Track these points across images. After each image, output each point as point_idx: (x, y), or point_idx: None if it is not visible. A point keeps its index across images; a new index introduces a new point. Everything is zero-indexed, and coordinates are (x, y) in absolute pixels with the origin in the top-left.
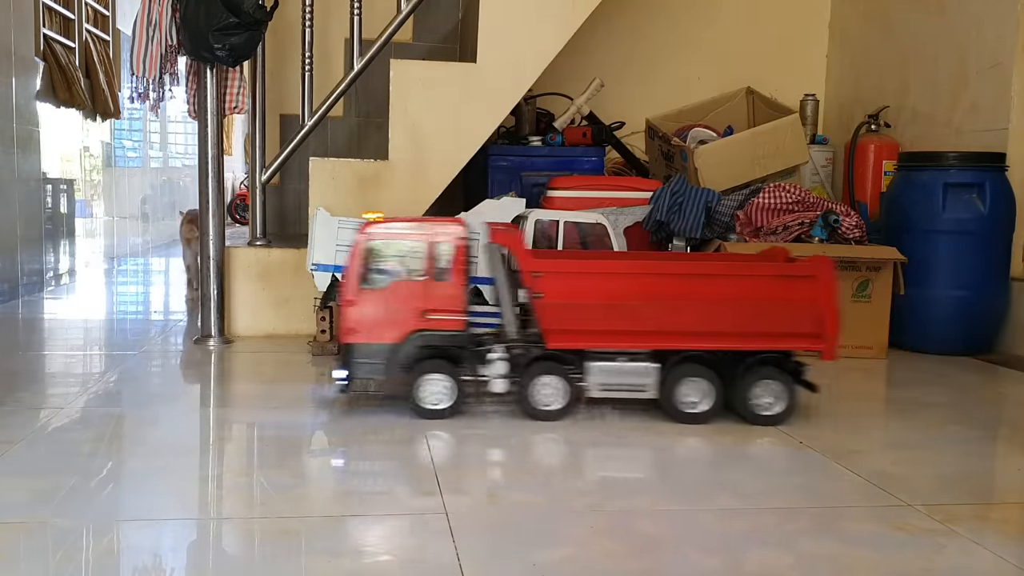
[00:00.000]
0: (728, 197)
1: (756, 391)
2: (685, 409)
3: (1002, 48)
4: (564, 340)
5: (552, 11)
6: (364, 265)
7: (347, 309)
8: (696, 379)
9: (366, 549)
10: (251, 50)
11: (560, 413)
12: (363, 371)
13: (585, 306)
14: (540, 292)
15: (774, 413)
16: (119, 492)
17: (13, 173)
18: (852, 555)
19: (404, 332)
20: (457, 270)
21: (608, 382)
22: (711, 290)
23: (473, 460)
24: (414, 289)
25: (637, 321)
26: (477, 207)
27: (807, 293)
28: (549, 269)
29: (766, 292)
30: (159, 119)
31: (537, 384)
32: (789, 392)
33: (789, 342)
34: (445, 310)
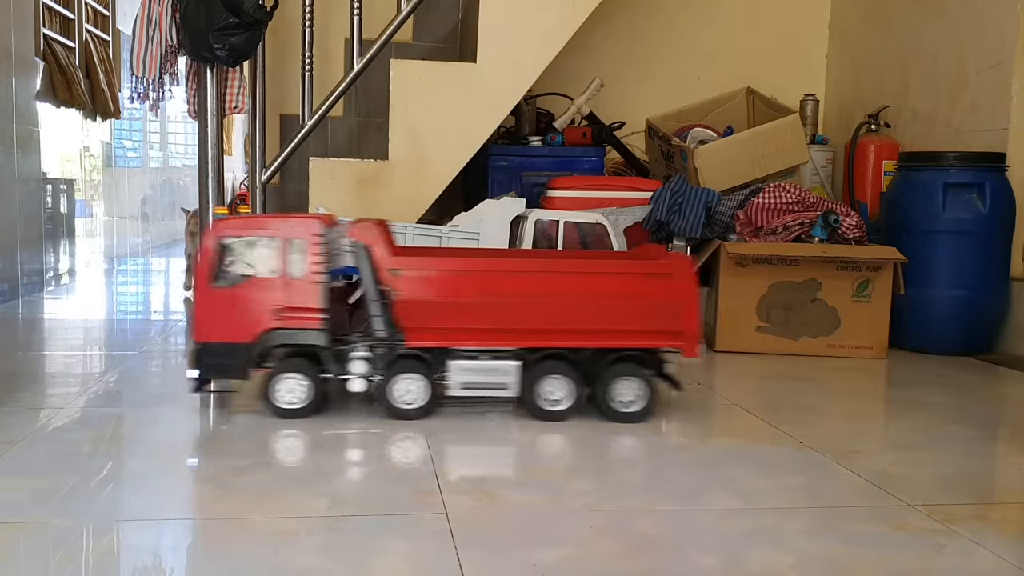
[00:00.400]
0: (728, 197)
1: (617, 389)
2: (546, 407)
3: (1002, 48)
4: (423, 338)
5: (552, 11)
6: (216, 263)
7: (198, 307)
8: (557, 377)
9: (366, 549)
10: (251, 50)
11: (421, 412)
12: (216, 371)
13: (444, 303)
14: (398, 289)
15: (634, 411)
16: (119, 492)
17: (13, 173)
18: (852, 555)
19: (257, 331)
20: (313, 267)
21: (469, 380)
22: (571, 287)
23: (473, 460)
24: (268, 286)
25: (497, 319)
26: (477, 207)
27: (666, 291)
28: (406, 266)
29: (625, 289)
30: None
31: (398, 383)
32: (650, 390)
33: (649, 339)
34: (300, 308)
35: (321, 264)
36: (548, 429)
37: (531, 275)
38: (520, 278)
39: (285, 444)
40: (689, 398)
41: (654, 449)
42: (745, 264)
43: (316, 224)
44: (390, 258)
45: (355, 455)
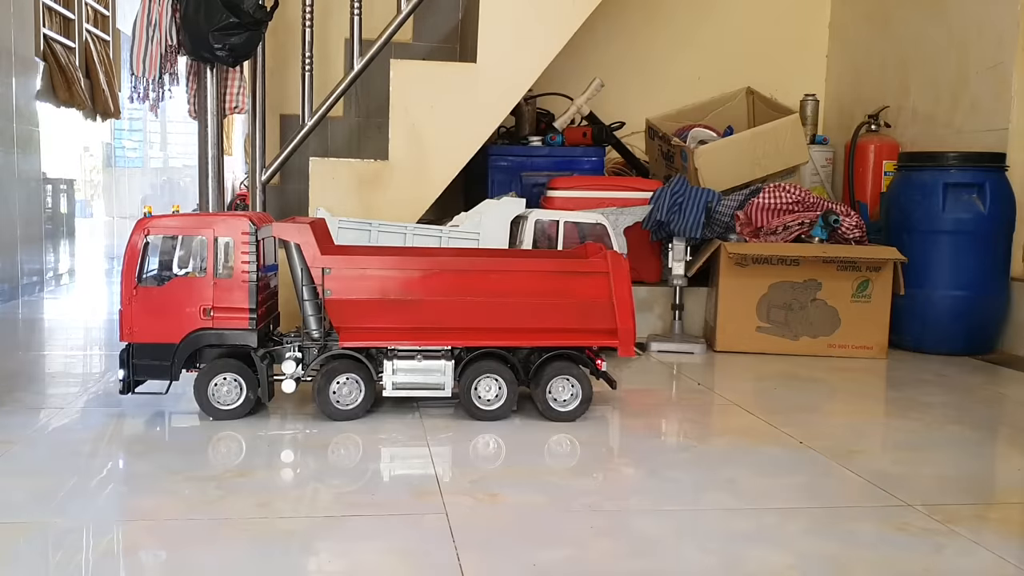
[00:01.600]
0: (728, 197)
1: (552, 387)
2: (481, 406)
3: (1002, 48)
4: (357, 337)
5: (552, 11)
6: (141, 263)
7: (124, 308)
8: (492, 376)
9: (366, 549)
10: (251, 50)
11: (359, 412)
12: (144, 372)
13: (376, 302)
14: (329, 289)
15: (569, 409)
16: (119, 492)
17: (13, 173)
18: (852, 555)
19: (184, 331)
20: (241, 266)
21: (404, 381)
22: (504, 286)
23: (473, 459)
24: (195, 286)
25: (430, 318)
26: (477, 207)
27: (600, 289)
28: (336, 265)
29: (559, 288)
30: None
31: (334, 383)
32: (584, 388)
33: (583, 338)
34: (229, 308)
35: (251, 263)
36: (548, 429)
37: (464, 273)
38: (453, 276)
39: (285, 445)
40: (689, 398)
41: (654, 449)
42: (745, 264)
43: (245, 223)
44: (321, 257)
45: (355, 455)
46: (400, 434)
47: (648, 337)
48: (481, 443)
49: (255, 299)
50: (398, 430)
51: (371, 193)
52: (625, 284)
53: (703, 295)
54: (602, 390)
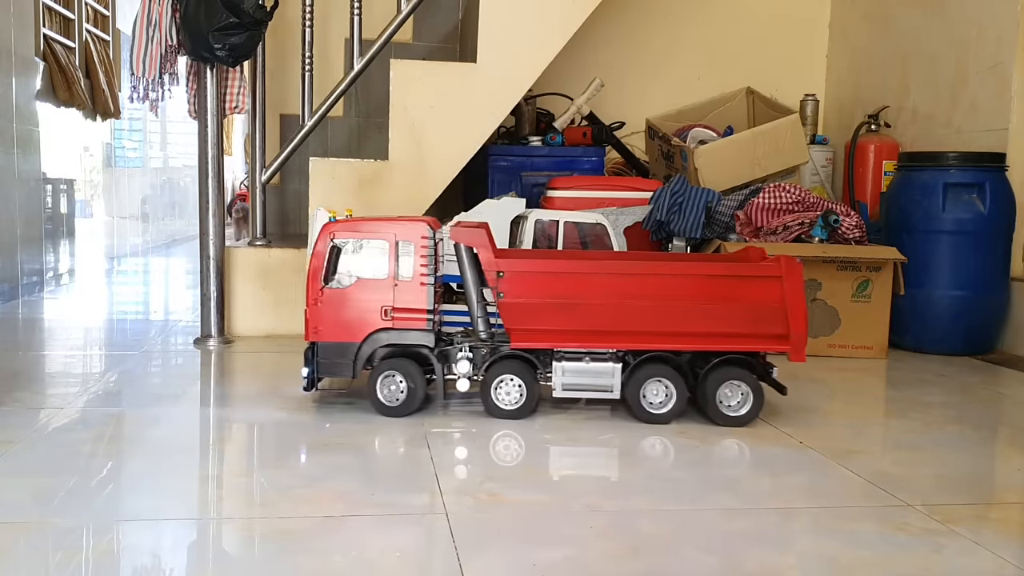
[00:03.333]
0: (728, 197)
1: (723, 392)
2: (651, 409)
3: (1002, 48)
4: (527, 339)
5: (552, 11)
6: (327, 265)
7: (310, 309)
8: (660, 379)
9: (366, 549)
10: (251, 50)
11: (523, 412)
12: (326, 369)
13: (547, 305)
14: (502, 291)
15: (741, 414)
16: (119, 492)
17: (13, 173)
18: (852, 555)
19: (366, 331)
20: (420, 268)
21: (573, 382)
22: (676, 290)
23: (473, 460)
24: (376, 288)
25: (599, 321)
26: (477, 207)
27: (774, 294)
28: (510, 268)
29: (732, 292)
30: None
31: (502, 384)
32: (756, 393)
33: (755, 343)
34: (408, 309)
35: (430, 266)
36: (548, 430)
37: (632, 276)
38: (620, 279)
39: (284, 445)
40: None
41: (654, 449)
42: None
43: (424, 227)
44: (495, 260)
45: (355, 455)
46: (401, 434)
47: None
48: (481, 443)
49: (432, 301)
50: (398, 431)
51: (371, 193)
52: (799, 288)
53: None
54: None
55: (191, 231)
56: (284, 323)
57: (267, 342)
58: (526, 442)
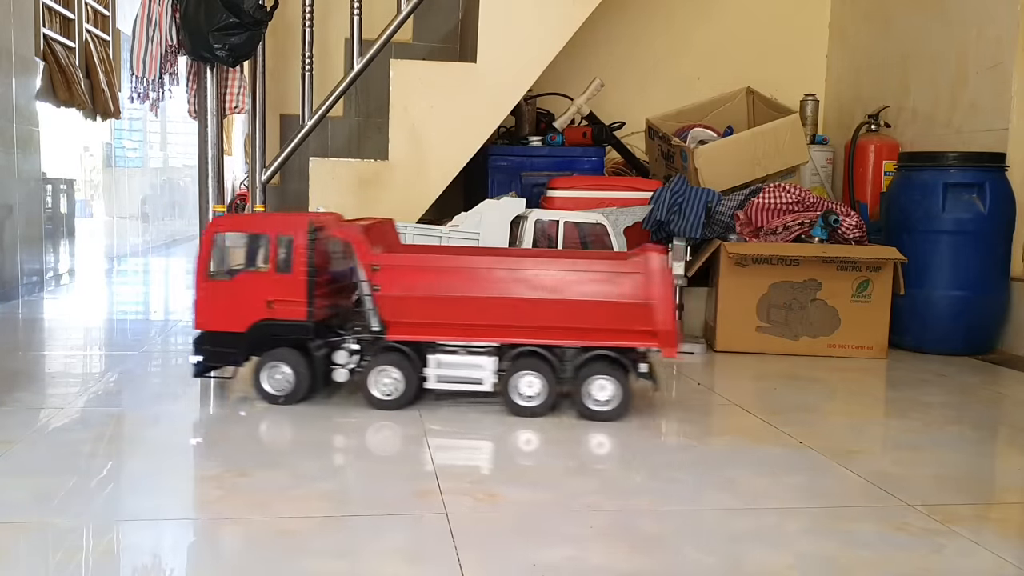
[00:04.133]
0: (728, 197)
1: (592, 387)
2: (521, 402)
3: (1002, 48)
4: (403, 332)
5: (552, 11)
6: (211, 258)
7: (198, 299)
8: (532, 373)
9: (366, 549)
10: (251, 50)
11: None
12: (213, 358)
13: (420, 299)
14: (378, 284)
15: (608, 410)
16: (119, 492)
17: (13, 173)
18: (852, 555)
19: (249, 321)
20: (299, 261)
21: (447, 374)
22: (547, 285)
23: (473, 459)
24: (259, 280)
25: (472, 314)
26: (477, 207)
27: (641, 290)
28: (386, 262)
29: (600, 288)
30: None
31: (377, 375)
32: (624, 389)
33: (623, 338)
34: (288, 300)
35: (308, 259)
36: (548, 430)
37: (506, 272)
38: (496, 275)
39: (283, 444)
40: (689, 398)
41: (654, 449)
42: (745, 264)
43: (305, 222)
44: (370, 254)
45: (355, 455)
46: (399, 434)
47: None
48: (481, 443)
49: (311, 292)
50: (398, 430)
51: (371, 193)
52: (666, 283)
53: (703, 295)
54: None
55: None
56: None
57: None
58: (525, 442)
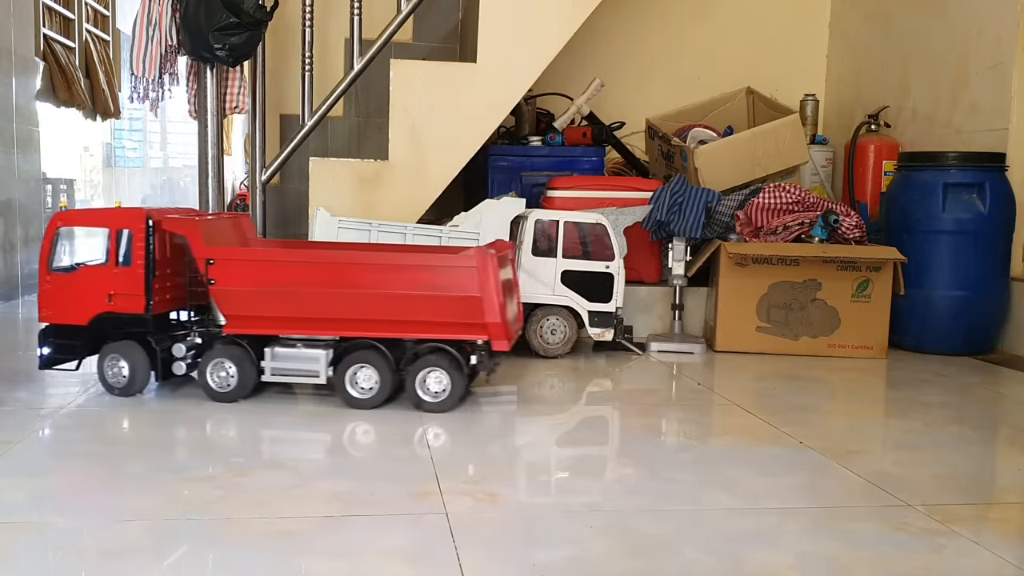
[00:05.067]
0: (728, 197)
1: (424, 378)
2: (357, 395)
3: (1002, 48)
4: (239, 326)
5: (552, 11)
6: (53, 252)
7: (40, 292)
8: (366, 366)
9: (366, 549)
10: (251, 50)
11: (238, 395)
12: (59, 350)
13: (251, 293)
14: (213, 278)
15: (440, 401)
16: (119, 492)
17: (13, 173)
18: (852, 555)
19: (90, 314)
20: (137, 255)
21: (282, 367)
22: (376, 279)
23: (473, 459)
24: (99, 274)
25: (303, 308)
26: (477, 207)
27: (469, 284)
28: (220, 256)
29: (430, 283)
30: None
31: (213, 367)
32: (455, 380)
33: (453, 331)
34: (127, 294)
35: (146, 253)
36: (549, 430)
37: (336, 266)
38: (325, 269)
39: (283, 444)
40: (689, 398)
41: (654, 449)
42: (745, 264)
43: (142, 216)
44: (205, 248)
45: (355, 455)
46: (400, 434)
47: (648, 337)
48: (480, 443)
49: (150, 286)
50: (398, 430)
51: (371, 193)
52: (492, 280)
53: (703, 295)
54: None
55: None
56: None
57: None
58: (524, 442)
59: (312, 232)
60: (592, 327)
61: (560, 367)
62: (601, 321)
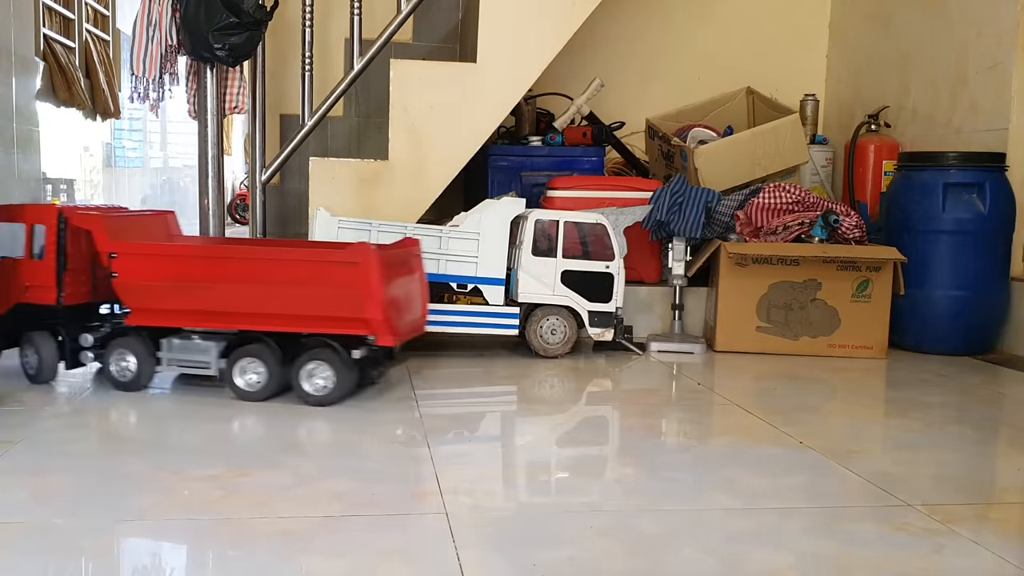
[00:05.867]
0: (728, 197)
1: (308, 372)
2: (244, 387)
3: (1002, 48)
4: (139, 318)
5: (552, 11)
6: None
7: None
8: (254, 359)
9: (366, 549)
10: (251, 50)
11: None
12: None
13: (149, 286)
14: (116, 272)
15: (324, 395)
16: (119, 492)
17: (13, 173)
18: (852, 555)
19: (7, 304)
20: (50, 249)
21: (176, 358)
22: (264, 274)
23: (473, 459)
24: (15, 266)
25: (196, 302)
26: (477, 207)
27: (351, 279)
28: (122, 250)
29: (314, 277)
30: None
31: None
32: (339, 375)
33: (337, 326)
34: (40, 286)
35: (58, 247)
36: (549, 429)
37: (226, 261)
38: (216, 263)
39: (284, 444)
40: (689, 398)
41: (654, 449)
42: (745, 264)
43: (54, 212)
44: (108, 242)
45: (355, 455)
46: (400, 433)
47: (648, 337)
48: (480, 443)
49: (60, 278)
50: (397, 429)
51: (371, 193)
52: (374, 274)
53: (703, 295)
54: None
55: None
56: None
57: None
58: (524, 441)
59: (312, 232)
60: (592, 327)
61: (560, 367)
62: (601, 321)
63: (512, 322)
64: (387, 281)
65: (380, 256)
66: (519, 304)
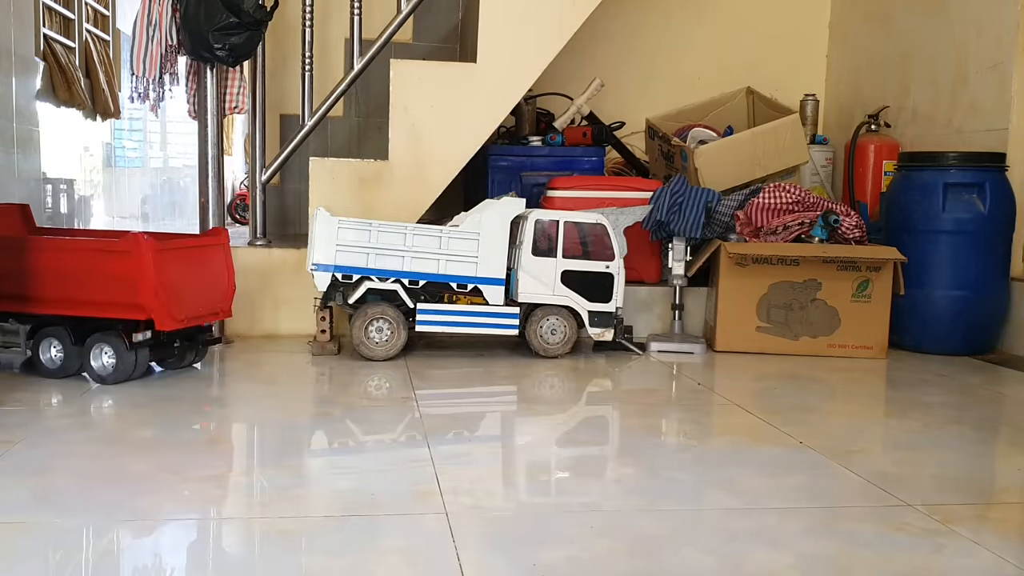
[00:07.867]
0: (728, 197)
1: (93, 354)
2: (46, 364)
3: (1002, 48)
4: None
5: (552, 11)
6: None
7: None
8: (52, 340)
9: (366, 549)
10: (251, 50)
11: None
12: None
13: None
14: None
15: (107, 374)
16: (119, 492)
17: (13, 173)
18: (852, 555)
19: None
20: None
21: None
22: (56, 262)
23: (473, 458)
24: None
25: (11, 287)
26: (477, 207)
27: (125, 267)
28: None
29: (93, 266)
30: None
31: None
32: (121, 358)
33: (117, 311)
34: None
35: None
36: (547, 429)
37: (30, 251)
38: (23, 254)
39: (283, 444)
40: (689, 398)
41: (654, 449)
42: (745, 264)
43: None
44: None
45: (354, 455)
46: (399, 433)
47: (648, 337)
48: (480, 443)
49: None
50: (397, 429)
51: (371, 193)
52: (146, 262)
53: (703, 295)
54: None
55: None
56: (283, 323)
57: (267, 342)
58: (524, 441)
59: (312, 232)
60: (592, 327)
61: (560, 367)
62: (601, 321)
63: (512, 322)
64: (162, 269)
65: (153, 245)
66: (519, 304)
